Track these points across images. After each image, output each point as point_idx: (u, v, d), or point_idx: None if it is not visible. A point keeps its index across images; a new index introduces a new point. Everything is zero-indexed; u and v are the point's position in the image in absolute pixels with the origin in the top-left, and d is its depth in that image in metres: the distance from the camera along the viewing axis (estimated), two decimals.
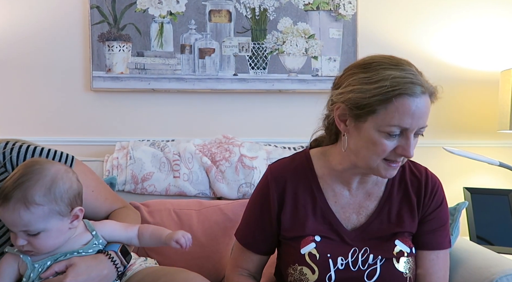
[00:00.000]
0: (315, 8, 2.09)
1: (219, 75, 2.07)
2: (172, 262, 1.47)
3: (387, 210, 1.10)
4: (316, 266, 1.05)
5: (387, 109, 0.96)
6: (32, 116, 2.03)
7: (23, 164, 1.00)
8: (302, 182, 1.12)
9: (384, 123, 0.97)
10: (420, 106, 0.97)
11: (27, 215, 0.94)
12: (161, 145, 1.84)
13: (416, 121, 0.97)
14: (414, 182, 1.13)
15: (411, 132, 0.98)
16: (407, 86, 0.96)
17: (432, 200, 1.12)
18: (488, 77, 2.19)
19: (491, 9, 2.19)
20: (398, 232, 1.08)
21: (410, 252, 1.08)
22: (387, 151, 0.99)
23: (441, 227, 1.13)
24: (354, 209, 1.11)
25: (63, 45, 2.03)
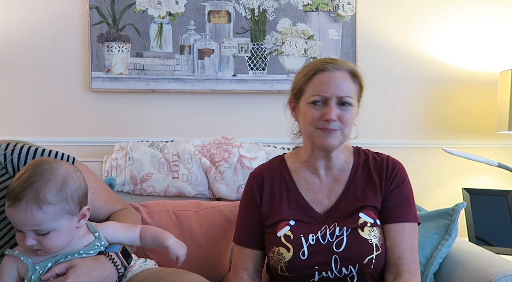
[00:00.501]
0: (314, 9, 2.10)
1: (218, 76, 2.07)
2: (171, 263, 1.46)
3: (353, 191, 1.26)
4: (291, 244, 1.19)
5: (310, 85, 1.22)
6: (31, 116, 2.02)
7: (30, 164, 1.00)
8: (277, 177, 1.30)
9: (309, 95, 1.21)
10: (333, 77, 1.19)
11: (39, 214, 0.95)
12: (160, 146, 1.84)
13: (332, 89, 1.18)
14: (376, 165, 1.29)
15: (331, 100, 1.19)
16: (321, 65, 1.22)
17: (393, 179, 1.26)
18: (486, 78, 2.19)
19: (490, 10, 2.19)
20: (362, 206, 1.22)
21: (373, 223, 1.20)
22: (315, 118, 1.20)
23: (404, 203, 1.25)
24: (325, 194, 1.27)
25: (62, 45, 2.03)
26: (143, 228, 1.12)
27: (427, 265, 1.44)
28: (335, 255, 1.16)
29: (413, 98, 2.20)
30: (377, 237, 1.19)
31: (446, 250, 1.45)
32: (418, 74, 2.18)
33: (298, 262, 1.18)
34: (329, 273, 1.17)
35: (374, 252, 1.17)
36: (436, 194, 2.20)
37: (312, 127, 1.21)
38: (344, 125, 1.20)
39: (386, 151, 2.06)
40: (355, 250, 1.17)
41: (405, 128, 2.20)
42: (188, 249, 1.55)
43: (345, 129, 1.21)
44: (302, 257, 1.17)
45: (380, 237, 1.20)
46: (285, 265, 1.19)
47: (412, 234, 1.22)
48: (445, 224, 1.47)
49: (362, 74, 1.25)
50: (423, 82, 2.19)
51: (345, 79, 1.21)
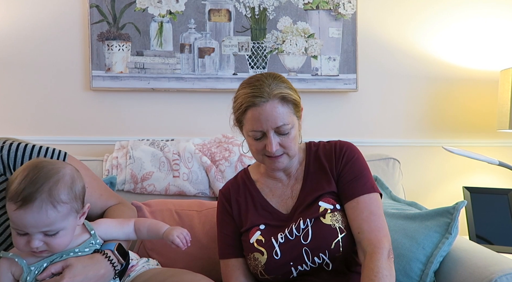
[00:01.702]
0: (314, 8, 2.09)
1: (219, 75, 2.07)
2: (173, 263, 1.47)
3: (309, 184, 1.29)
4: (263, 248, 1.23)
5: (245, 119, 1.22)
6: (31, 115, 2.02)
7: (31, 166, 0.97)
8: (242, 188, 1.36)
9: (247, 129, 1.23)
10: (263, 112, 1.19)
11: (54, 214, 0.95)
12: (160, 145, 1.84)
13: (265, 123, 1.19)
14: (326, 152, 1.32)
15: (268, 132, 1.20)
16: (250, 100, 1.20)
17: (342, 159, 1.28)
18: (487, 76, 2.19)
19: (491, 8, 2.19)
20: (320, 195, 1.25)
21: (333, 208, 1.24)
22: (259, 150, 1.23)
23: (356, 178, 1.26)
24: (288, 195, 1.31)
25: (63, 44, 2.02)
26: (137, 221, 1.11)
27: (428, 263, 1.44)
28: (304, 247, 1.20)
29: (414, 96, 2.19)
30: (339, 221, 1.22)
31: (446, 249, 1.45)
32: (418, 72, 2.18)
33: (274, 262, 1.21)
34: (304, 266, 1.20)
35: (339, 235, 1.20)
36: (436, 193, 2.20)
37: (259, 156, 1.25)
38: (287, 149, 1.23)
39: (387, 149, 2.08)
40: (320, 237, 1.20)
41: (405, 127, 2.19)
42: (189, 249, 1.56)
43: (290, 151, 1.24)
44: (276, 257, 1.21)
45: (342, 220, 1.22)
46: (263, 268, 1.22)
47: (367, 205, 1.22)
48: (445, 223, 1.47)
49: (292, 93, 1.23)
50: (424, 81, 2.18)
51: (276, 108, 1.20)
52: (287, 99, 1.21)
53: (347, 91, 2.13)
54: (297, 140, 1.26)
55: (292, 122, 1.22)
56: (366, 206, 1.22)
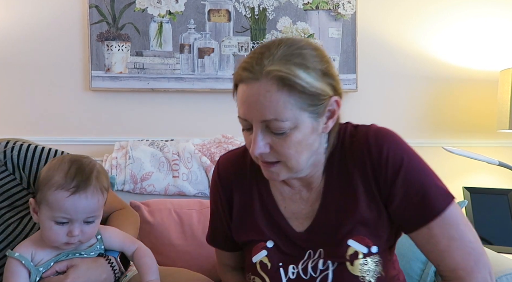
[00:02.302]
0: (314, 8, 2.09)
1: (219, 75, 2.07)
2: (172, 262, 1.47)
3: (331, 199, 0.93)
4: (267, 276, 0.94)
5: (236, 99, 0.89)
6: (30, 115, 2.02)
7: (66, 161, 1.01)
8: (250, 177, 0.99)
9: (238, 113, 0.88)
10: (250, 95, 0.82)
11: (102, 200, 1.00)
12: (160, 145, 1.84)
13: (250, 111, 0.83)
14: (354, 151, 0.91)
15: (255, 125, 0.83)
16: (239, 72, 0.85)
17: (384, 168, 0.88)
18: (487, 76, 2.19)
19: (491, 9, 2.19)
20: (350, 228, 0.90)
21: (367, 253, 0.89)
22: (247, 146, 0.89)
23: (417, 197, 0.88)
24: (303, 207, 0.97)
25: (62, 44, 2.02)
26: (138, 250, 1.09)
27: (428, 263, 1.44)
28: None
29: (414, 96, 2.19)
30: (373, 271, 0.89)
31: None
32: (418, 72, 2.18)
33: None
34: None
35: None
36: None
37: (253, 156, 0.89)
38: (283, 157, 0.85)
39: None
40: None
41: (405, 127, 2.19)
42: (189, 248, 1.57)
43: (289, 161, 0.86)
44: None
45: (376, 270, 0.89)
46: None
47: (443, 230, 0.88)
48: None
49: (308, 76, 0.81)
50: (424, 81, 2.18)
51: (268, 93, 0.81)
52: (290, 83, 0.80)
53: (346, 91, 2.13)
54: (306, 148, 0.86)
55: (295, 120, 0.82)
56: (442, 232, 0.88)
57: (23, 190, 1.12)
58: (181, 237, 1.59)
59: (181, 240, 1.58)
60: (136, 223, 1.27)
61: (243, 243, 1.01)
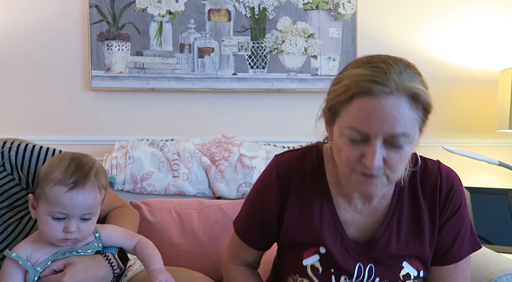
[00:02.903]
0: (314, 7, 2.09)
1: (219, 75, 2.07)
2: (172, 262, 1.47)
3: (395, 226, 0.98)
4: (318, 280, 0.98)
5: (347, 111, 0.86)
6: (30, 115, 2.02)
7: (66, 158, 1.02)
8: (311, 184, 1.00)
9: (346, 126, 0.86)
10: (380, 108, 0.82)
11: (99, 197, 1.02)
12: (160, 145, 1.84)
13: (377, 125, 0.82)
14: (426, 185, 0.99)
15: (374, 139, 0.84)
16: (364, 85, 0.83)
17: (448, 206, 0.98)
18: (487, 76, 2.19)
19: (491, 8, 2.19)
20: (406, 255, 0.98)
21: (417, 276, 0.98)
22: (351, 159, 0.87)
23: (458, 236, 0.99)
24: (358, 226, 1.00)
25: (62, 44, 2.02)
26: (139, 243, 1.10)
27: None
28: None
29: None
30: None
31: None
32: None
33: None
34: None
35: None
36: None
37: (347, 168, 0.89)
38: (392, 170, 0.87)
39: None
40: None
41: None
42: (189, 247, 1.57)
43: (394, 174, 0.88)
44: None
45: None
46: None
47: (464, 269, 1.00)
48: None
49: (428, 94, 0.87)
50: None
51: (401, 108, 0.83)
52: (421, 99, 0.85)
53: None
54: (406, 164, 0.91)
55: (414, 135, 0.87)
56: (463, 271, 0.99)
57: (22, 190, 1.12)
58: (181, 236, 1.59)
59: (181, 239, 1.58)
60: (135, 221, 1.27)
61: (292, 245, 1.02)
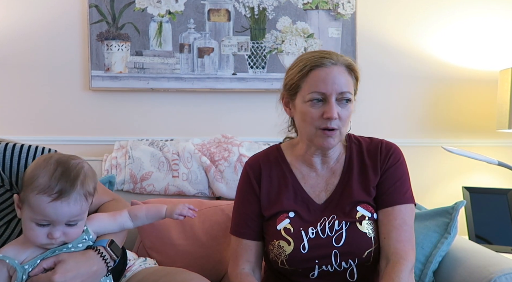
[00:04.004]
0: (314, 7, 2.09)
1: (218, 74, 2.07)
2: (172, 262, 1.47)
3: (348, 181, 1.24)
4: (291, 238, 1.18)
5: (306, 82, 1.17)
6: (30, 115, 2.02)
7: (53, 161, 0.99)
8: (275, 166, 1.28)
9: (306, 93, 1.16)
10: (331, 74, 1.15)
11: (85, 205, 1.00)
12: (160, 145, 1.84)
13: (330, 86, 1.14)
14: (370, 150, 1.26)
15: (330, 97, 1.14)
16: (318, 60, 1.16)
17: (387, 160, 1.23)
18: (486, 76, 2.19)
19: (490, 8, 2.19)
20: (359, 201, 1.21)
21: (371, 217, 1.20)
22: (315, 117, 1.16)
23: (396, 184, 1.22)
24: (322, 187, 1.25)
25: (62, 44, 2.02)
26: (131, 210, 1.10)
27: (427, 263, 1.44)
28: (335, 250, 1.16)
29: (413, 96, 2.19)
30: (375, 230, 1.19)
31: (445, 248, 1.45)
32: (418, 72, 2.18)
33: (299, 255, 1.17)
34: (329, 266, 1.17)
35: (373, 245, 1.17)
36: (436, 193, 2.20)
37: (312, 127, 1.18)
38: (342, 123, 1.17)
39: None
40: (354, 244, 1.17)
41: (405, 127, 2.19)
42: (189, 248, 1.57)
43: (343, 128, 1.19)
44: (302, 251, 1.17)
45: (377, 231, 1.20)
46: (285, 258, 1.18)
47: (402, 214, 1.19)
48: (444, 222, 1.48)
49: (358, 67, 1.22)
50: (423, 81, 2.18)
51: (343, 74, 1.17)
52: (354, 69, 1.19)
53: None
54: (349, 122, 1.21)
55: (352, 94, 1.19)
56: (400, 214, 1.19)
57: (7, 192, 1.08)
58: (181, 237, 1.59)
59: (181, 240, 1.58)
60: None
61: (269, 217, 1.24)
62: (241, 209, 1.28)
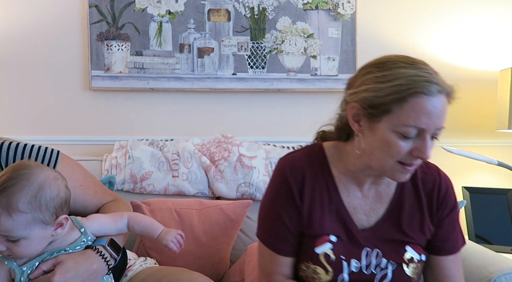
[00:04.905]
0: (314, 8, 2.09)
1: (218, 75, 2.07)
2: (172, 262, 1.47)
3: (397, 214, 1.08)
4: (331, 266, 1.04)
5: (402, 109, 0.93)
6: (30, 115, 2.02)
7: (11, 167, 0.96)
8: (319, 178, 1.07)
9: (399, 123, 0.94)
10: (437, 106, 0.95)
11: (8, 221, 0.91)
12: (160, 145, 1.84)
13: (433, 121, 0.95)
14: (426, 182, 1.10)
15: (428, 133, 0.95)
16: (423, 85, 0.95)
17: (445, 204, 1.10)
18: (486, 76, 2.19)
19: (490, 8, 2.19)
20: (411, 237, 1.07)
21: (419, 260, 1.07)
22: (402, 153, 0.95)
23: (456, 229, 1.10)
24: (365, 211, 1.08)
25: (62, 44, 2.02)
26: (131, 218, 1.09)
27: None
28: None
29: None
30: (419, 274, 1.09)
31: None
32: None
33: None
34: None
35: None
36: None
37: (391, 160, 0.97)
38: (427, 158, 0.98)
39: None
40: None
41: None
42: (189, 247, 1.57)
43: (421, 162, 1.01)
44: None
45: (420, 273, 1.09)
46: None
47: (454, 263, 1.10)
48: None
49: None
50: None
51: (446, 105, 0.98)
52: (452, 97, 1.01)
53: None
54: None
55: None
56: (454, 264, 1.09)
57: None
58: None
59: None
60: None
61: (307, 236, 1.07)
62: (278, 222, 1.07)
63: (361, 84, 1.00)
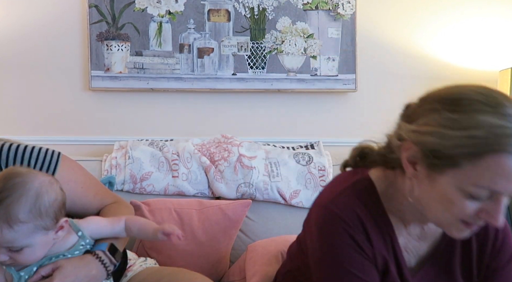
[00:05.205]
0: (314, 8, 2.09)
1: (218, 75, 2.07)
2: (172, 262, 1.47)
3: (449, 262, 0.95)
4: None
5: (475, 166, 0.75)
6: (30, 115, 2.02)
7: (2, 176, 0.93)
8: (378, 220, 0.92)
9: (469, 181, 0.76)
10: None
11: (10, 233, 0.89)
12: (159, 145, 1.84)
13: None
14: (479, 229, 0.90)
15: (503, 196, 0.77)
16: (507, 142, 0.74)
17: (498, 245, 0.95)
18: (486, 76, 2.19)
19: (490, 8, 2.19)
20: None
21: None
22: (466, 213, 0.79)
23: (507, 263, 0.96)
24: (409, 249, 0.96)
25: (62, 44, 2.02)
26: (128, 221, 1.07)
27: None
28: None
29: (413, 96, 2.18)
30: None
31: None
32: (418, 72, 2.18)
33: None
34: None
35: None
36: None
37: (452, 218, 0.82)
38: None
39: None
40: None
41: None
42: (189, 248, 1.57)
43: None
44: None
45: None
46: None
47: None
48: None
49: None
50: (423, 81, 2.18)
51: None
52: None
53: (346, 91, 2.13)
54: None
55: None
56: None
57: None
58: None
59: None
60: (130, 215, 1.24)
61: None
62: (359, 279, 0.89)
63: (425, 123, 0.83)
